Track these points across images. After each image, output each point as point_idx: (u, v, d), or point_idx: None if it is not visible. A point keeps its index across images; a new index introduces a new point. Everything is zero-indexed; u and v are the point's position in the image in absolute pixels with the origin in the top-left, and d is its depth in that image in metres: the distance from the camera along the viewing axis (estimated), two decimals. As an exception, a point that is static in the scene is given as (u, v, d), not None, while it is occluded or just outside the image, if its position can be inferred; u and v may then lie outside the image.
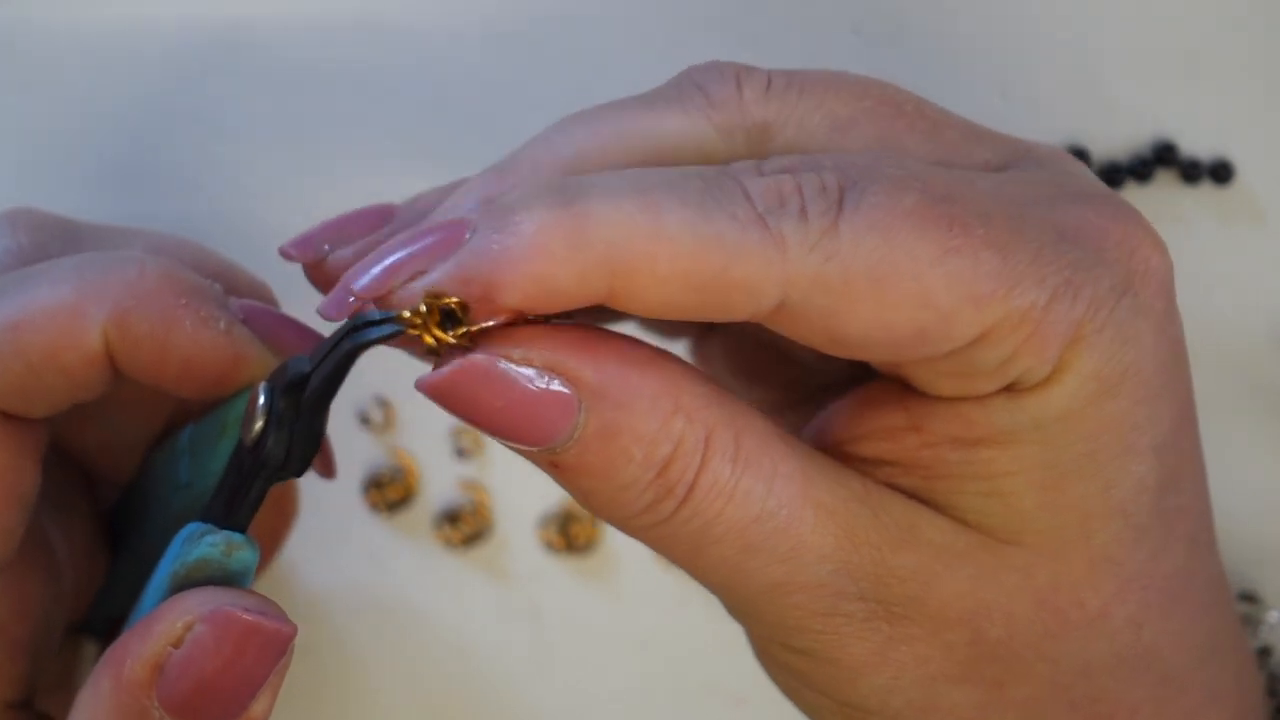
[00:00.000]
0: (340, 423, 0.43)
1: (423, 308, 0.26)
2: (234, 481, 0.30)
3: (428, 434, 0.44)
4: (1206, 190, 0.45)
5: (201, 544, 0.29)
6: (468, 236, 0.26)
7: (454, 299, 0.26)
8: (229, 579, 0.30)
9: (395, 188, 0.44)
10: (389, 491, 0.44)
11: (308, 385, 0.29)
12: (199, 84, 0.44)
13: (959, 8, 0.44)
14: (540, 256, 0.25)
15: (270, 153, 0.44)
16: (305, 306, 0.34)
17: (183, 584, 0.29)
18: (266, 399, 0.29)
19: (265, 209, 0.44)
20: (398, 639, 0.43)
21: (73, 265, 0.31)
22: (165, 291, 0.30)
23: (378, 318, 0.27)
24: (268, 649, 0.29)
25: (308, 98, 0.44)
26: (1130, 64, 0.45)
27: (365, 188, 0.43)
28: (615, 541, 0.44)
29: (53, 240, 0.33)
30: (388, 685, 0.43)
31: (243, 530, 0.30)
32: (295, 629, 0.29)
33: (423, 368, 0.28)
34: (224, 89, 0.44)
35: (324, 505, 0.43)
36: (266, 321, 0.32)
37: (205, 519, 0.30)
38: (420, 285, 0.26)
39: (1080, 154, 0.44)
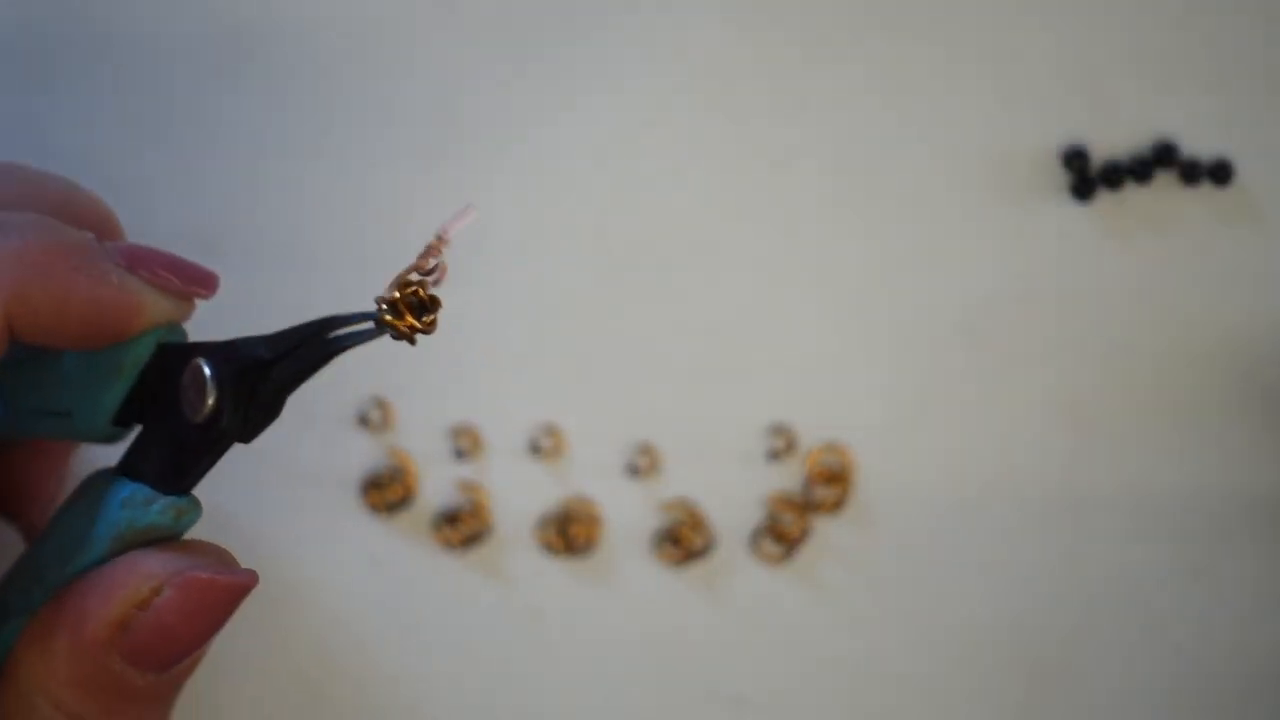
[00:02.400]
0: (339, 423, 0.44)
1: (395, 296, 0.28)
2: (173, 449, 0.30)
3: (426, 434, 0.44)
4: (1206, 191, 0.45)
5: (150, 512, 0.30)
6: None
7: (423, 289, 0.28)
8: (175, 539, 0.30)
9: (400, 188, 0.44)
10: (388, 492, 0.43)
11: (269, 372, 0.29)
12: (206, 87, 0.44)
13: (959, 7, 0.44)
14: None
15: (275, 154, 0.44)
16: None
17: (129, 545, 0.30)
18: (214, 377, 0.29)
19: (271, 210, 0.44)
20: (397, 639, 0.43)
21: None
22: (57, 260, 0.30)
23: (351, 314, 0.29)
24: (231, 600, 0.30)
25: (311, 100, 0.44)
26: (1130, 64, 0.45)
27: (369, 188, 0.44)
28: (614, 542, 0.44)
29: None
30: (387, 686, 0.43)
31: (187, 492, 0.30)
32: (256, 577, 0.30)
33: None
34: (230, 91, 0.44)
35: (323, 506, 0.43)
36: (148, 262, 0.32)
37: (131, 475, 0.30)
38: None
39: (1080, 154, 0.44)
